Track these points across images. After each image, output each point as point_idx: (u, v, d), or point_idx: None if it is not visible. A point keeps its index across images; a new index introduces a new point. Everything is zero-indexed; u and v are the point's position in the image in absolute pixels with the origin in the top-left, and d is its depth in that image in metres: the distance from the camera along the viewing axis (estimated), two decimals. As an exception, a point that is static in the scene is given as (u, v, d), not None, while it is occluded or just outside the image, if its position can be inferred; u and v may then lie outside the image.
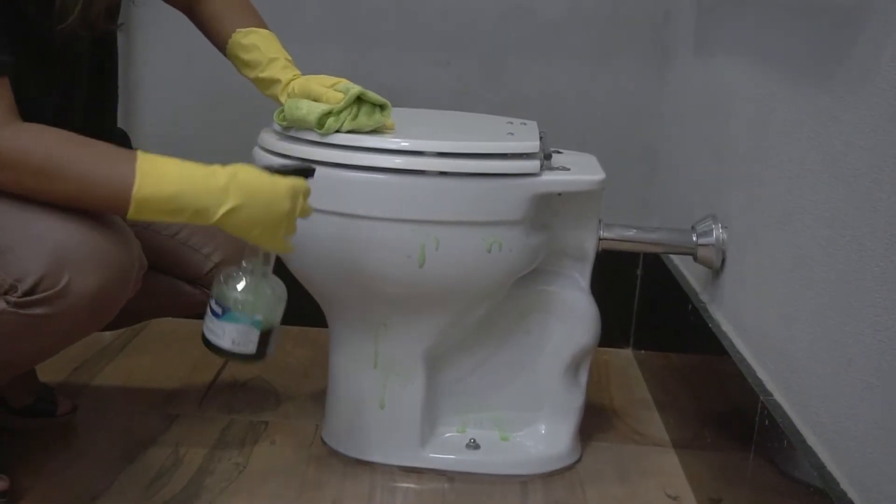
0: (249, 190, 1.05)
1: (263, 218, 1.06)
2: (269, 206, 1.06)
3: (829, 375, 0.97)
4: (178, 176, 1.03)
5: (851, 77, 0.96)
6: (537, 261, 1.36)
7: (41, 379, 1.46)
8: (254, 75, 1.32)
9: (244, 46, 1.31)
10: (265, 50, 1.31)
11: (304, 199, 1.10)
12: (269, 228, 1.07)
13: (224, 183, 1.03)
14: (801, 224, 1.07)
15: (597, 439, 1.51)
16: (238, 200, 1.04)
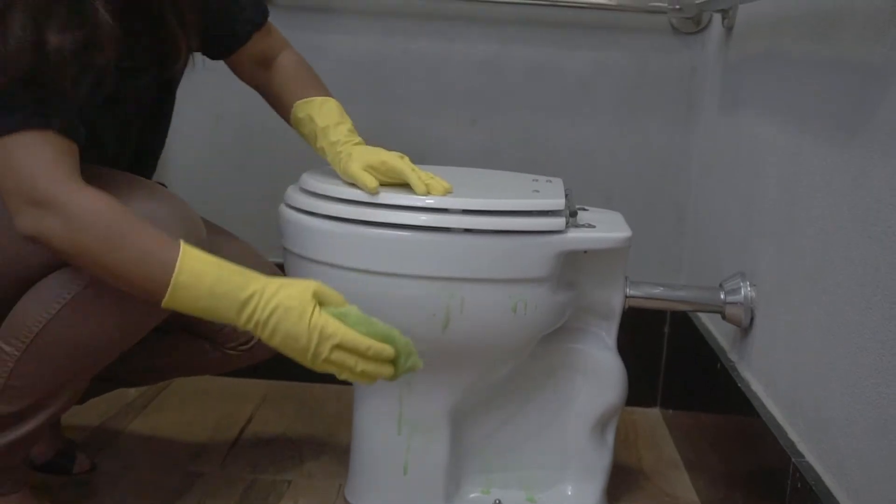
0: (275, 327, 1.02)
1: (286, 349, 1.04)
2: (291, 344, 1.03)
3: (863, 437, 0.95)
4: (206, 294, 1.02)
5: (881, 133, 0.95)
6: (563, 319, 1.34)
7: (66, 435, 1.46)
8: (317, 146, 1.32)
9: (300, 120, 1.33)
10: (318, 120, 1.31)
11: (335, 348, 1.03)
12: (297, 356, 1.05)
13: (250, 312, 1.02)
14: (832, 282, 1.05)
15: (625, 500, 1.48)
16: (263, 333, 1.03)
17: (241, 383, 1.88)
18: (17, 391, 1.14)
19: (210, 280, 1.01)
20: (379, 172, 1.24)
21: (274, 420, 1.73)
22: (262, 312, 1.02)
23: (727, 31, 1.60)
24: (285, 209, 1.30)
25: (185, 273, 1.01)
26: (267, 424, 1.71)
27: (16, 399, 1.15)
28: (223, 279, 1.02)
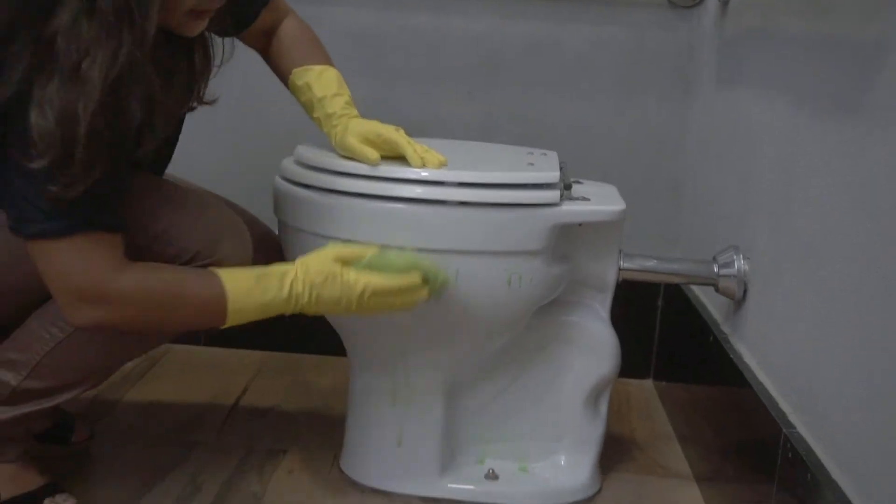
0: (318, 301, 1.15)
1: (333, 313, 1.18)
2: (334, 308, 1.16)
3: (854, 408, 0.96)
4: (257, 307, 1.13)
5: (877, 111, 0.95)
6: (557, 291, 1.35)
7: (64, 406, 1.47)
8: (313, 116, 1.33)
9: (298, 88, 1.32)
10: (316, 89, 1.31)
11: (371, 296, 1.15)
12: (343, 314, 1.18)
13: (294, 304, 1.14)
14: (826, 257, 1.06)
15: (617, 471, 1.49)
16: (310, 311, 1.16)
17: (236, 354, 1.89)
18: (49, 371, 1.18)
19: (256, 300, 1.12)
20: (374, 145, 1.24)
21: (269, 391, 1.74)
22: (303, 298, 1.14)
23: (723, 6, 1.59)
24: (280, 182, 1.30)
25: (236, 306, 1.11)
26: (262, 395, 1.72)
27: (47, 378, 1.19)
28: (266, 291, 1.12)
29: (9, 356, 1.19)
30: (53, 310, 1.17)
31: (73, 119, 0.97)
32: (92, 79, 0.97)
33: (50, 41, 0.97)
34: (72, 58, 0.96)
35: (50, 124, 0.97)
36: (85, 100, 0.97)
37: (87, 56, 0.96)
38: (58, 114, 0.96)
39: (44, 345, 1.18)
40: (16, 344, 1.19)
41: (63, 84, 0.97)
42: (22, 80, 0.98)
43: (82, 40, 0.96)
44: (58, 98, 0.96)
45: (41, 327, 1.18)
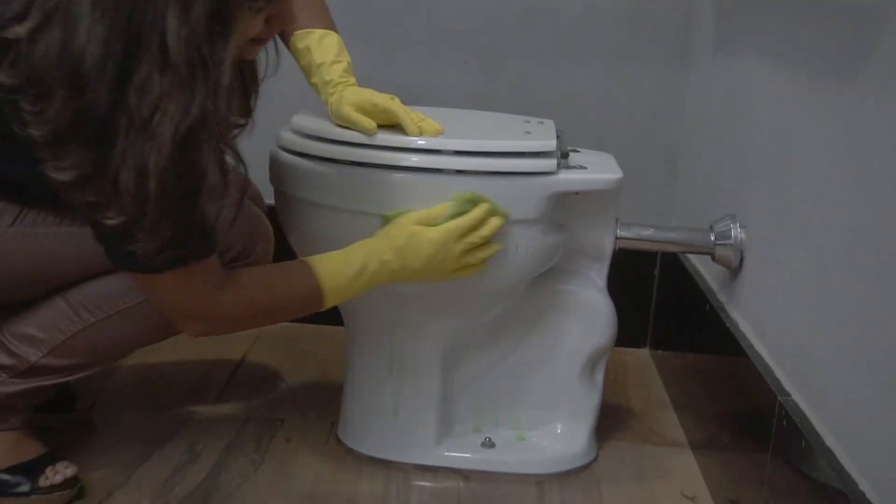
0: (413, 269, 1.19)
1: (426, 269, 1.20)
2: (425, 259, 1.19)
3: (848, 376, 0.96)
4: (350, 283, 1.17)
5: (874, 78, 0.95)
6: (554, 260, 1.35)
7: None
8: (311, 81, 1.32)
9: (298, 51, 1.31)
10: (315, 54, 1.30)
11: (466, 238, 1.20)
12: (436, 274, 1.21)
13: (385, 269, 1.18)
14: (821, 225, 1.06)
15: (613, 439, 1.50)
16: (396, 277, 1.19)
17: (233, 324, 1.89)
18: (72, 350, 1.21)
19: (348, 278, 1.16)
20: (370, 114, 1.24)
21: (267, 360, 1.75)
22: (393, 264, 1.17)
23: (721, -28, 1.58)
24: (278, 151, 1.30)
25: (331, 292, 1.15)
26: (260, 365, 1.73)
27: (68, 357, 1.21)
28: (355, 267, 1.16)
29: (29, 332, 1.20)
30: (86, 291, 1.19)
31: (145, 174, 0.94)
32: (162, 134, 0.93)
33: (128, 94, 0.93)
34: (143, 112, 0.92)
35: (128, 180, 0.94)
36: (155, 155, 0.93)
37: (158, 110, 0.92)
38: (133, 168, 0.94)
39: (71, 325, 1.20)
40: (38, 321, 1.20)
41: (135, 138, 0.93)
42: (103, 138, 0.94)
43: (154, 95, 0.92)
44: (130, 153, 0.93)
45: (71, 309, 1.20)
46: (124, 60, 0.91)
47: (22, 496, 1.22)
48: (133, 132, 0.93)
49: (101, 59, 0.91)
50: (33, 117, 0.94)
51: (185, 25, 0.91)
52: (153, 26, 0.91)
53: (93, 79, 0.91)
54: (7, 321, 1.21)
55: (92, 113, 0.92)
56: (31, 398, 1.25)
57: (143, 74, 0.91)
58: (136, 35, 0.91)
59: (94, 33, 0.91)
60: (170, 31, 0.91)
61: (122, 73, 0.92)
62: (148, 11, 0.90)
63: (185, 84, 0.93)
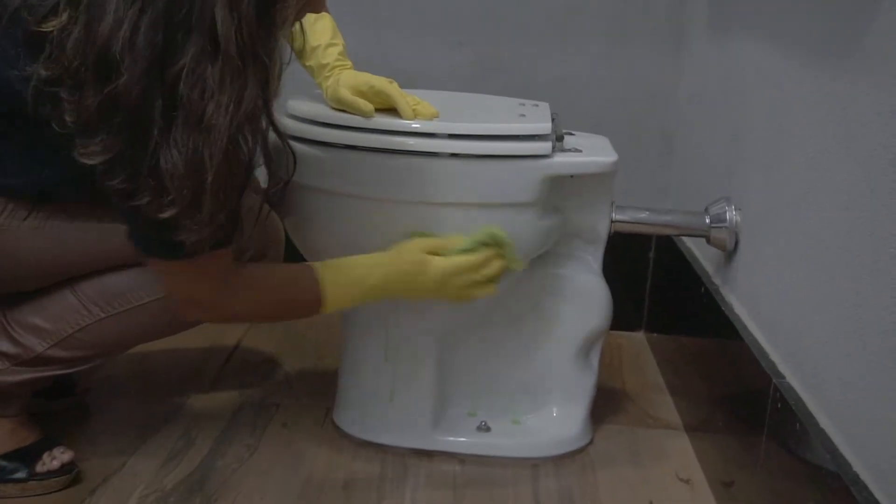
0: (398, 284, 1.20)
1: (425, 295, 1.22)
2: (428, 287, 1.20)
3: (842, 358, 0.96)
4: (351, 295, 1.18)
5: (869, 58, 0.95)
6: (549, 243, 1.35)
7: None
8: (305, 64, 1.31)
9: (292, 33, 1.30)
10: (310, 37, 1.29)
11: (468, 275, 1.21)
12: (432, 297, 1.23)
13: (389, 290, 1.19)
14: (816, 206, 1.06)
15: (609, 422, 1.51)
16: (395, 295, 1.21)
17: (228, 309, 1.89)
18: (79, 343, 1.21)
19: (351, 293, 1.18)
20: (366, 97, 1.23)
21: (262, 345, 1.75)
22: (397, 288, 1.19)
23: (716, -47, 1.58)
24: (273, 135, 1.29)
25: (332, 300, 1.15)
26: (255, 350, 1.73)
27: (73, 349, 1.22)
28: (362, 283, 1.17)
29: (35, 322, 1.20)
30: (97, 286, 1.19)
31: (201, 167, 0.94)
32: (217, 125, 0.93)
33: (172, 85, 0.92)
34: (196, 103, 0.92)
35: (180, 171, 0.93)
36: (210, 147, 0.93)
37: (212, 100, 0.92)
38: (186, 160, 0.93)
39: (80, 319, 1.20)
40: (46, 312, 1.20)
41: (188, 130, 0.93)
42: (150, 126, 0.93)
43: (207, 85, 0.91)
44: (183, 144, 0.93)
45: (80, 303, 1.20)
46: (165, 48, 0.91)
47: (19, 482, 1.22)
48: (185, 123, 0.92)
49: (131, 45, 0.90)
50: (70, 106, 0.95)
51: (237, 15, 0.91)
52: (201, 16, 0.90)
53: (124, 64, 0.91)
54: (12, 309, 1.21)
55: (123, 98, 0.92)
56: (31, 386, 1.25)
57: (191, 65, 0.91)
58: (178, 24, 0.90)
59: (124, 19, 0.90)
60: (220, 22, 0.90)
61: (161, 60, 0.91)
62: (195, 1, 0.90)
63: (239, 75, 0.93)
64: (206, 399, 1.52)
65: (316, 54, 1.28)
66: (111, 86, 0.91)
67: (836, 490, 0.90)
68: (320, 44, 1.29)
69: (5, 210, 1.13)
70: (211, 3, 0.90)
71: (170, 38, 0.90)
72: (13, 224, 1.14)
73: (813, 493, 0.96)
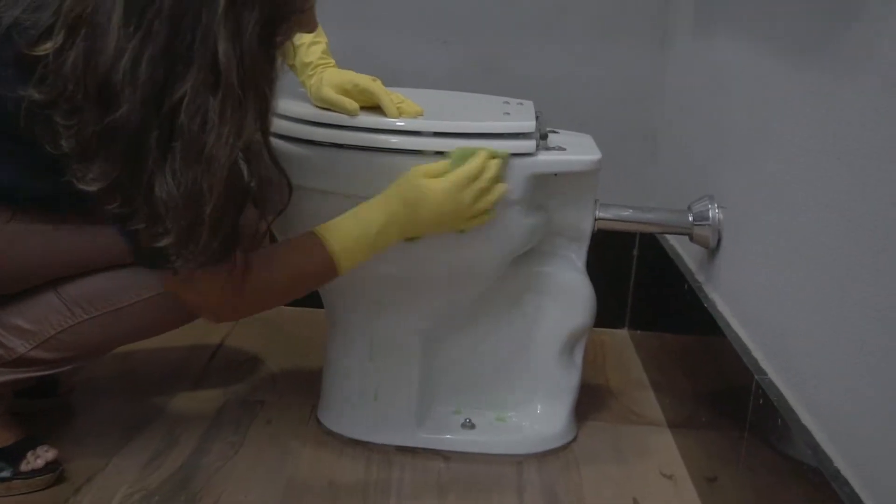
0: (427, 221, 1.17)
1: (442, 224, 1.18)
2: (445, 215, 1.17)
3: (823, 354, 0.97)
4: (362, 243, 1.15)
5: (849, 56, 0.95)
6: (533, 241, 1.36)
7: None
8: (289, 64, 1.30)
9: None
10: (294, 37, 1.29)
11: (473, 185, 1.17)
12: (449, 225, 1.19)
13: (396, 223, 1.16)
14: (797, 203, 1.07)
15: (592, 419, 1.51)
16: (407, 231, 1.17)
17: (212, 307, 1.88)
18: (62, 345, 1.21)
19: (360, 239, 1.14)
20: (351, 95, 1.24)
21: (246, 343, 1.75)
22: (401, 216, 1.15)
23: (699, -48, 1.58)
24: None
25: (344, 256, 1.13)
26: (239, 348, 1.72)
27: (55, 350, 1.21)
28: (367, 225, 1.14)
29: (18, 323, 1.20)
30: (80, 288, 1.19)
31: (200, 199, 0.93)
32: (218, 157, 0.92)
33: (170, 115, 0.91)
34: (196, 134, 0.91)
35: (177, 202, 0.93)
36: (210, 178, 0.93)
37: (213, 132, 0.91)
38: (185, 191, 0.93)
39: (63, 320, 1.20)
40: (29, 314, 1.20)
41: (188, 161, 0.92)
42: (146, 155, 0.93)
43: (208, 116, 0.91)
44: (182, 175, 0.92)
45: (63, 304, 1.20)
46: (166, 79, 0.90)
47: (4, 481, 1.22)
48: (184, 154, 0.92)
49: (133, 75, 0.90)
50: (65, 131, 0.94)
51: (239, 47, 0.91)
52: (203, 48, 0.90)
53: (124, 94, 0.90)
54: None
55: (121, 128, 0.91)
56: (13, 386, 1.24)
57: (191, 95, 0.90)
58: (179, 55, 0.90)
59: (126, 49, 0.90)
60: (222, 54, 0.90)
61: (162, 91, 0.90)
62: (196, 32, 0.89)
63: (240, 106, 0.92)
64: (190, 397, 1.52)
65: (299, 53, 1.28)
66: (111, 116, 0.91)
67: (818, 485, 0.91)
68: (303, 42, 1.29)
69: None
70: (213, 35, 0.89)
71: (170, 69, 0.90)
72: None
73: (795, 488, 0.97)
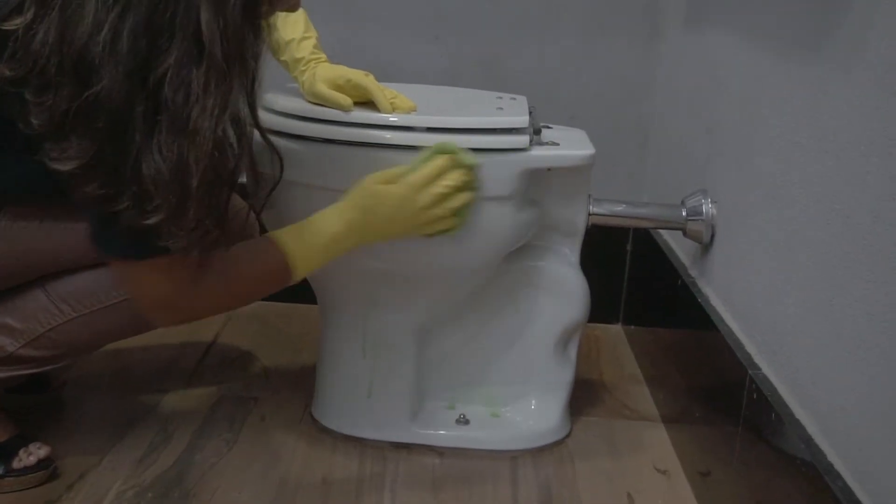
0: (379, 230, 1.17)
1: (398, 228, 1.18)
2: (390, 215, 1.17)
3: (817, 349, 0.97)
4: (318, 249, 1.14)
5: (841, 51, 0.95)
6: (527, 236, 1.35)
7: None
8: (280, 59, 1.30)
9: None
10: (283, 31, 1.28)
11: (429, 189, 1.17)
12: (406, 229, 1.18)
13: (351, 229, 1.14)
14: (790, 198, 1.07)
15: (586, 414, 1.51)
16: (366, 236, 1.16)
17: (206, 303, 1.88)
18: (50, 342, 1.21)
19: (315, 246, 1.13)
20: (343, 90, 1.23)
21: (239, 339, 1.74)
22: (358, 222, 1.14)
23: (692, -53, 1.58)
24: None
25: (298, 262, 1.12)
26: (232, 345, 1.72)
27: (45, 348, 1.21)
28: (321, 234, 1.13)
29: (6, 321, 1.19)
30: (67, 286, 1.18)
31: (187, 172, 0.92)
32: (202, 129, 0.91)
33: (155, 89, 0.90)
34: (180, 107, 0.90)
35: (164, 176, 0.92)
36: (196, 151, 0.92)
37: (197, 104, 0.90)
38: (171, 165, 0.91)
39: (51, 318, 1.20)
40: (16, 311, 1.19)
41: (172, 135, 0.91)
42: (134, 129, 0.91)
43: (192, 89, 0.90)
44: (168, 149, 0.91)
45: (51, 301, 1.19)
46: (148, 52, 0.89)
47: None
48: (169, 128, 0.91)
49: (114, 48, 0.88)
50: (36, 108, 0.92)
51: (222, 18, 0.90)
52: (186, 20, 0.89)
53: (105, 68, 0.89)
54: None
55: (103, 103, 0.90)
56: (3, 384, 1.24)
57: (175, 68, 0.89)
58: (162, 28, 0.89)
59: (104, 21, 0.88)
60: (205, 25, 0.89)
61: (143, 64, 0.89)
62: (179, 3, 0.88)
63: (224, 78, 0.92)
64: (183, 394, 1.52)
65: (290, 49, 1.28)
66: (90, 90, 0.89)
67: (811, 479, 0.91)
68: (294, 38, 1.28)
69: None
70: (196, 7, 0.88)
71: (153, 42, 0.89)
72: None
73: (788, 483, 0.97)
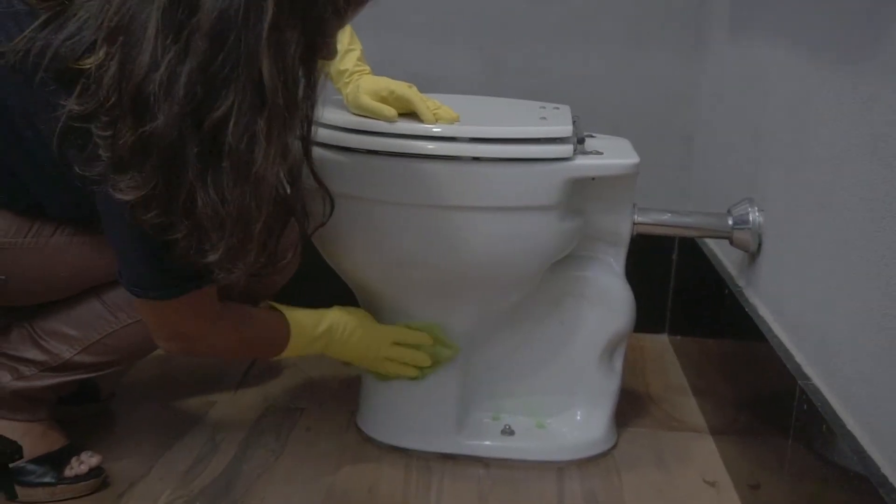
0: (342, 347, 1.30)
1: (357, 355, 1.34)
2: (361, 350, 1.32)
3: (869, 359, 0.96)
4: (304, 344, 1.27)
5: (891, 57, 0.94)
6: (571, 246, 1.35)
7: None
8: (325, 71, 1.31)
9: None
10: None
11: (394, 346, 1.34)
12: (371, 366, 1.36)
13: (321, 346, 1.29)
14: (840, 206, 1.05)
15: (633, 425, 1.50)
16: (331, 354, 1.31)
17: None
18: (104, 349, 1.24)
19: (308, 339, 1.27)
20: (387, 102, 1.24)
21: (285, 350, 1.75)
22: (331, 352, 1.30)
23: (736, -46, 1.57)
24: None
25: (291, 347, 1.26)
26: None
27: (99, 354, 1.24)
28: (312, 329, 1.26)
29: (63, 330, 1.23)
30: (123, 294, 1.19)
31: (249, 218, 0.95)
32: (266, 178, 0.93)
33: (211, 132, 0.91)
34: (244, 154, 0.91)
35: (225, 219, 0.94)
36: (258, 199, 0.94)
37: (261, 152, 0.92)
38: (234, 210, 0.94)
39: (107, 326, 1.23)
40: (73, 320, 1.23)
41: (235, 181, 0.93)
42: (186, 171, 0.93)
43: (256, 137, 0.91)
44: (231, 194, 0.93)
45: (107, 309, 1.23)
46: (205, 96, 0.90)
47: (48, 486, 1.23)
48: (232, 174, 0.93)
49: (168, 90, 0.90)
50: (103, 142, 0.94)
51: (283, 69, 0.91)
52: (248, 69, 0.90)
53: (160, 106, 0.90)
54: (38, 319, 1.23)
55: (156, 141, 0.91)
56: (57, 391, 1.26)
57: (237, 116, 0.90)
58: (220, 74, 0.90)
59: (161, 61, 0.89)
60: (267, 76, 0.90)
61: (199, 107, 0.91)
62: (241, 52, 0.89)
63: (285, 126, 0.93)
64: (230, 403, 1.53)
65: (335, 61, 1.29)
66: (145, 126, 0.91)
67: (865, 492, 0.89)
68: (339, 49, 1.29)
69: (32, 228, 1.16)
70: (257, 56, 0.89)
71: (210, 87, 0.90)
72: (41, 241, 1.16)
73: (841, 496, 0.95)
